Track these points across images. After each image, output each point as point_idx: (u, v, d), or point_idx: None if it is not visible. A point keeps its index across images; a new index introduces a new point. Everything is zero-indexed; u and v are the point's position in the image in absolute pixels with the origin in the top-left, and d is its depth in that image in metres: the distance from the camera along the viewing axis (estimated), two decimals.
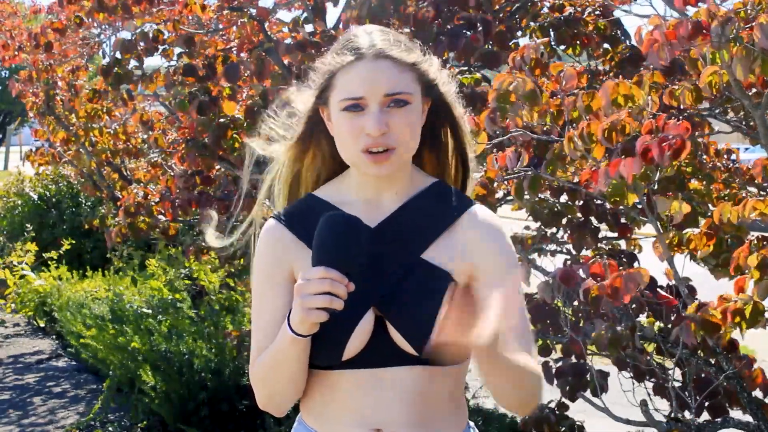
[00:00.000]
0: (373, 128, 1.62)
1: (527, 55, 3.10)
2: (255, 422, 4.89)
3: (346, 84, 1.65)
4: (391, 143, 1.64)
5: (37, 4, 8.07)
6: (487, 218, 1.74)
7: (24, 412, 5.81)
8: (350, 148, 1.66)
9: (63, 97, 7.21)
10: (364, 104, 1.64)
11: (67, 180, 9.87)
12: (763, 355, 6.40)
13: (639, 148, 2.65)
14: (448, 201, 1.75)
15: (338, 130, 1.68)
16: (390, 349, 1.65)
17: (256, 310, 1.74)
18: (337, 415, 1.69)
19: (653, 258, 3.12)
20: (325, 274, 1.52)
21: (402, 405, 1.66)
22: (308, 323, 1.55)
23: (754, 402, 3.07)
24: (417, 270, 1.68)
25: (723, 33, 2.63)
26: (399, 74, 1.65)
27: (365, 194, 1.73)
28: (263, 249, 1.74)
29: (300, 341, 1.60)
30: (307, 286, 1.53)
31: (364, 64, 1.64)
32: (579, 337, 3.20)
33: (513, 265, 1.74)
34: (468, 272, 1.70)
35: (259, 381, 1.71)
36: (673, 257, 3.05)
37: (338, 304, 1.52)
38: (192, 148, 5.10)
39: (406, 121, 1.65)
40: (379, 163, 1.65)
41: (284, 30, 5.01)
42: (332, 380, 1.69)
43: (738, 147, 4.43)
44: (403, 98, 1.64)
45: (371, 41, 1.67)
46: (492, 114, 3.08)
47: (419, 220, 1.72)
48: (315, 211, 1.71)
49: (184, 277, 6.34)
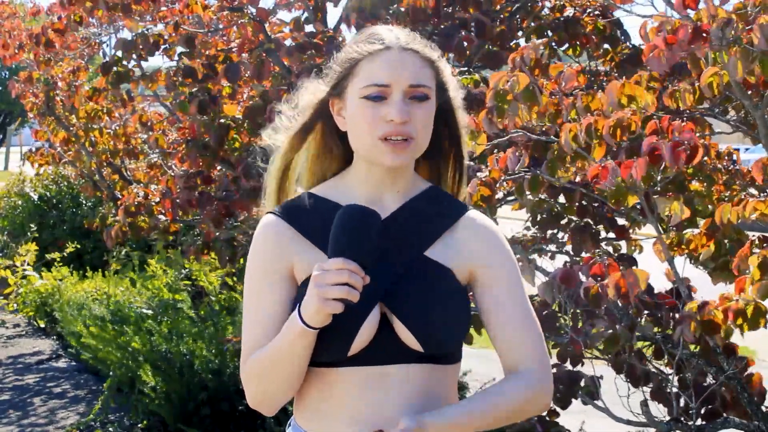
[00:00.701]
0: (397, 116, 1.63)
1: (527, 55, 3.10)
2: (255, 422, 4.89)
3: (372, 71, 1.66)
4: (411, 133, 1.66)
5: (37, 5, 8.06)
6: (484, 222, 1.77)
7: (24, 413, 5.81)
8: (367, 137, 1.67)
9: (63, 97, 7.21)
10: (387, 93, 1.65)
11: (68, 180, 9.87)
12: (763, 355, 6.40)
13: (646, 148, 2.65)
14: (445, 204, 1.77)
15: (355, 118, 1.68)
16: (394, 345, 1.65)
17: (251, 305, 1.71)
18: (335, 414, 1.68)
19: (652, 260, 3.12)
20: (344, 265, 1.52)
21: (404, 404, 1.66)
22: (323, 314, 1.55)
23: (754, 402, 3.07)
24: (420, 267, 1.69)
25: (723, 35, 2.64)
26: (422, 68, 1.69)
27: (367, 192, 1.73)
28: (262, 244, 1.73)
29: (309, 334, 1.59)
30: (325, 276, 1.52)
31: (391, 53, 1.67)
32: (579, 337, 3.20)
33: (513, 266, 1.75)
34: (466, 273, 1.72)
35: (254, 377, 1.68)
36: (673, 258, 3.05)
37: (355, 295, 1.53)
38: (192, 148, 5.11)
39: (425, 115, 1.68)
40: (397, 152, 1.66)
41: (285, 30, 5.01)
42: (333, 377, 1.67)
43: (738, 148, 4.43)
44: (425, 92, 1.67)
45: (396, 35, 1.70)
46: (489, 114, 3.09)
47: (420, 220, 1.73)
48: (315, 208, 1.72)
49: (183, 277, 6.34)
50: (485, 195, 3.12)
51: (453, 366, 1.72)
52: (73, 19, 5.58)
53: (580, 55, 4.63)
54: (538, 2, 4.83)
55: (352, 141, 1.71)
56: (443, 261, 1.70)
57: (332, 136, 1.77)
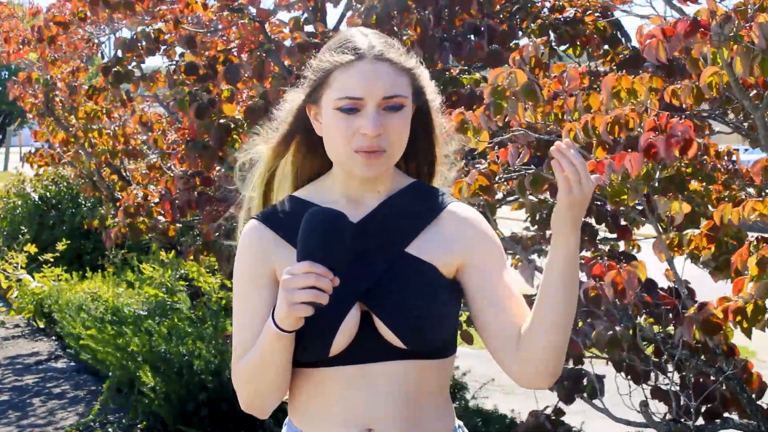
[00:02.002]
0: (371, 129, 1.63)
1: (526, 54, 3.11)
2: (255, 423, 4.88)
3: (345, 83, 1.65)
4: (384, 145, 1.65)
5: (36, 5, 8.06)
6: (468, 213, 1.77)
7: (23, 413, 5.80)
8: (341, 148, 1.67)
9: (62, 98, 7.21)
10: (360, 105, 1.64)
11: (67, 181, 9.87)
12: (762, 356, 6.40)
13: (643, 143, 2.65)
14: (428, 198, 1.77)
15: (330, 129, 1.68)
16: (378, 343, 1.65)
17: (239, 309, 1.73)
18: (324, 414, 1.69)
19: (652, 259, 3.12)
20: (310, 268, 1.52)
21: (391, 401, 1.66)
22: (293, 318, 1.55)
23: (753, 403, 3.07)
24: (401, 263, 1.69)
25: (722, 31, 2.64)
26: (396, 78, 1.67)
27: (348, 192, 1.74)
28: (245, 249, 1.74)
29: (284, 337, 1.60)
30: (292, 280, 1.53)
31: (364, 64, 1.65)
32: (578, 338, 3.20)
33: (502, 252, 1.76)
34: (453, 266, 1.72)
35: (242, 381, 1.69)
36: (673, 258, 3.05)
37: (323, 298, 1.53)
38: (192, 149, 5.10)
39: (399, 125, 1.67)
40: (371, 165, 1.66)
41: (285, 31, 5.01)
42: (319, 377, 1.68)
43: (738, 148, 4.43)
44: (399, 102, 1.66)
45: (370, 42, 1.68)
46: (486, 110, 3.09)
47: (401, 216, 1.73)
48: (296, 211, 1.72)
49: (180, 278, 6.33)
50: (483, 185, 3.11)
51: (443, 361, 1.71)
52: (77, 16, 5.58)
53: (580, 55, 4.63)
54: (538, 2, 4.83)
55: (327, 150, 1.72)
56: (425, 256, 1.70)
57: (312, 140, 1.77)
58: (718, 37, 2.63)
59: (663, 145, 2.59)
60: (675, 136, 2.59)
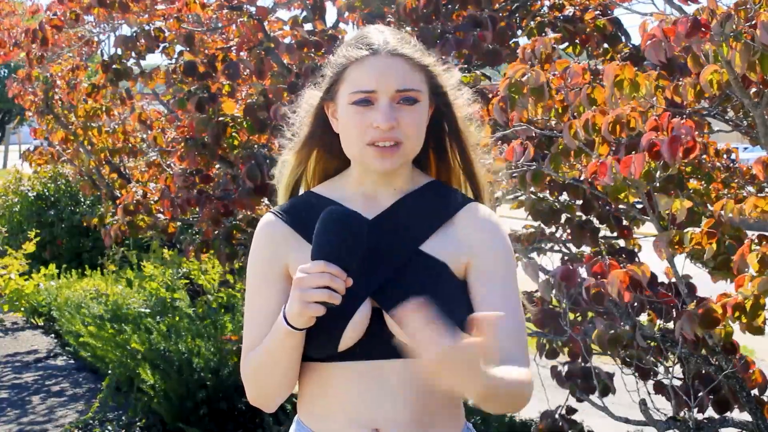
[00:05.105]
0: (383, 121, 1.64)
1: (537, 48, 3.09)
2: (254, 421, 4.89)
3: (358, 77, 1.66)
4: (399, 137, 1.66)
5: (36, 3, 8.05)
6: (485, 215, 1.75)
7: (23, 411, 5.80)
8: (356, 142, 1.67)
9: (62, 96, 7.21)
10: (374, 98, 1.65)
11: (66, 179, 9.86)
12: (762, 355, 6.40)
13: (645, 143, 2.64)
14: (445, 197, 1.77)
15: (345, 123, 1.69)
16: (388, 341, 1.65)
17: (250, 303, 1.74)
18: (332, 411, 1.68)
19: (652, 257, 3.12)
20: (325, 268, 1.52)
21: (400, 400, 1.65)
22: (305, 317, 1.56)
23: (753, 401, 3.07)
24: (414, 261, 1.69)
25: (722, 30, 2.64)
26: (411, 72, 1.68)
27: (364, 189, 1.74)
28: (259, 243, 1.75)
29: (295, 334, 1.60)
30: (306, 279, 1.53)
31: (377, 59, 1.67)
32: (579, 336, 3.20)
33: (510, 261, 1.74)
34: (464, 266, 1.71)
35: (251, 374, 1.70)
36: (673, 256, 3.04)
37: (336, 299, 1.53)
38: (191, 146, 5.10)
39: (414, 118, 1.67)
40: (385, 157, 1.66)
41: (284, 29, 5.01)
42: (328, 373, 1.68)
43: (737, 146, 4.43)
44: (413, 95, 1.67)
45: (385, 39, 1.70)
46: (502, 102, 3.07)
47: (416, 214, 1.73)
48: (313, 207, 1.72)
49: (181, 276, 6.33)
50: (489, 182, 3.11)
51: None
52: (69, 17, 5.57)
53: (580, 53, 4.62)
54: (538, 0, 4.82)
55: (344, 146, 1.72)
56: (439, 255, 1.69)
57: (331, 136, 1.77)
58: (719, 36, 2.63)
59: (667, 149, 2.58)
60: (678, 139, 2.58)
